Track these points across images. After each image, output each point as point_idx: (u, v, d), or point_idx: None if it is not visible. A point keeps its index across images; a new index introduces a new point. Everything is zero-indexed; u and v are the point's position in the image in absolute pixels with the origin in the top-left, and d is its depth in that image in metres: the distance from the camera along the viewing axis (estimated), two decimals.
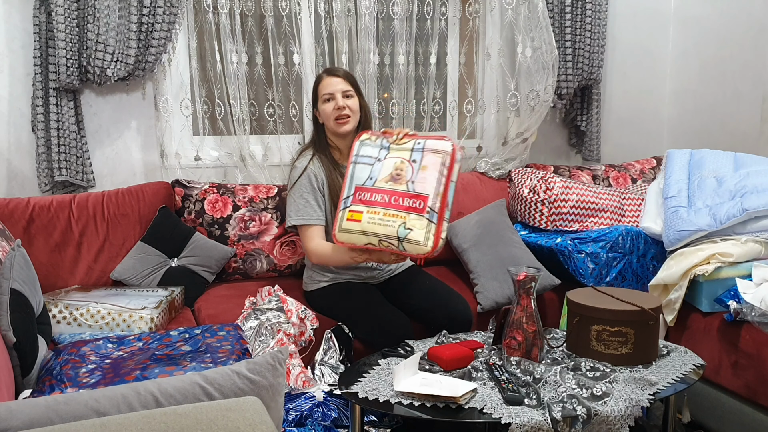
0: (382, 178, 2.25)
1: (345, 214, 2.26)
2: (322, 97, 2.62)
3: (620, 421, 1.78)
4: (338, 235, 2.28)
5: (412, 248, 2.16)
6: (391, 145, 2.31)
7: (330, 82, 2.60)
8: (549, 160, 3.69)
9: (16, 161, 2.86)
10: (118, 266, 2.71)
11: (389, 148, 2.30)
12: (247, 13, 3.04)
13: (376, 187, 2.24)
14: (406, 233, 2.15)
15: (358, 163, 2.32)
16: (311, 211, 2.55)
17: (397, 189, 2.20)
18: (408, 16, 3.22)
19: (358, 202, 2.25)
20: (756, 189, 2.68)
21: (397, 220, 2.17)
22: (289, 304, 2.50)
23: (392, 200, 2.20)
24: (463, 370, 2.00)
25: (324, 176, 2.59)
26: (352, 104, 2.59)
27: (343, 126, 2.59)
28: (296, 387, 2.27)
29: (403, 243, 2.17)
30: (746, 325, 2.33)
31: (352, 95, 2.61)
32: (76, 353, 2.05)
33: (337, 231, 2.28)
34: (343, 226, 2.26)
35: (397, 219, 2.17)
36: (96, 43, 2.69)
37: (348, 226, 2.25)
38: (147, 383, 1.16)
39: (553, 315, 2.79)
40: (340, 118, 2.58)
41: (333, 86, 2.58)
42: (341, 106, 2.56)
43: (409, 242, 2.16)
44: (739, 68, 3.44)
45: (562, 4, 3.36)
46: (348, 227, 2.24)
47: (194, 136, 3.12)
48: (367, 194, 2.24)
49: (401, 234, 2.16)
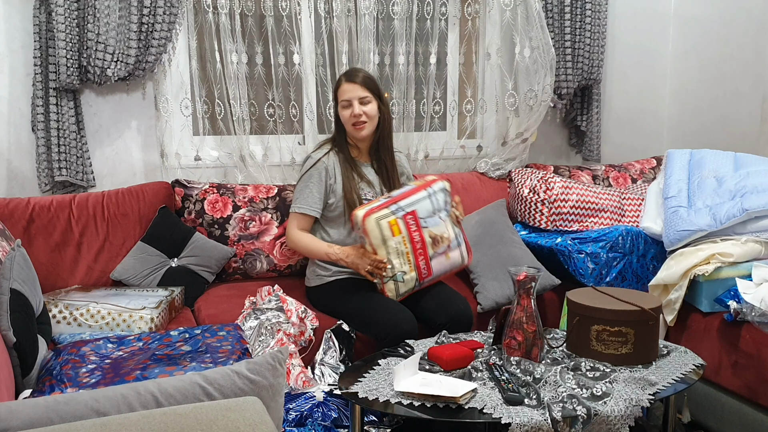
0: (430, 229, 2.51)
1: (390, 216, 2.45)
2: (340, 102, 2.64)
3: (620, 421, 1.78)
4: (370, 218, 2.43)
5: (387, 289, 2.48)
6: (450, 214, 2.61)
7: (347, 88, 2.61)
8: (549, 160, 3.69)
9: (16, 161, 2.86)
10: (118, 266, 2.72)
11: (448, 214, 2.59)
12: (247, 13, 3.04)
13: (422, 231, 2.50)
14: (399, 277, 2.47)
15: (429, 198, 2.55)
16: (310, 201, 2.61)
17: (427, 250, 2.50)
18: (408, 16, 3.22)
19: (406, 223, 2.47)
20: (756, 189, 2.68)
21: (407, 266, 2.47)
22: (289, 304, 2.50)
23: (419, 252, 2.48)
24: (463, 370, 2.00)
25: (339, 172, 2.63)
26: (369, 110, 2.61)
27: (360, 131, 2.62)
28: (296, 387, 2.27)
29: (390, 281, 2.47)
30: (746, 325, 2.33)
31: (370, 101, 2.61)
32: (76, 353, 2.05)
33: (372, 215, 2.43)
34: (380, 220, 2.44)
35: (408, 265, 2.47)
36: (96, 43, 2.69)
37: (383, 225, 2.44)
38: (147, 383, 1.16)
39: (553, 315, 2.78)
40: (357, 124, 2.61)
41: (350, 93, 2.60)
42: (357, 114, 2.58)
43: (390, 284, 2.47)
44: (739, 68, 3.44)
45: (561, 4, 3.36)
46: (383, 225, 2.43)
47: (194, 136, 3.12)
48: (415, 228, 2.49)
49: (397, 276, 2.46)
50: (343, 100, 2.62)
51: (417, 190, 2.56)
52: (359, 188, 2.64)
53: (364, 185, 2.66)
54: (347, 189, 2.61)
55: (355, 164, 2.68)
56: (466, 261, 2.65)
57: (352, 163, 2.67)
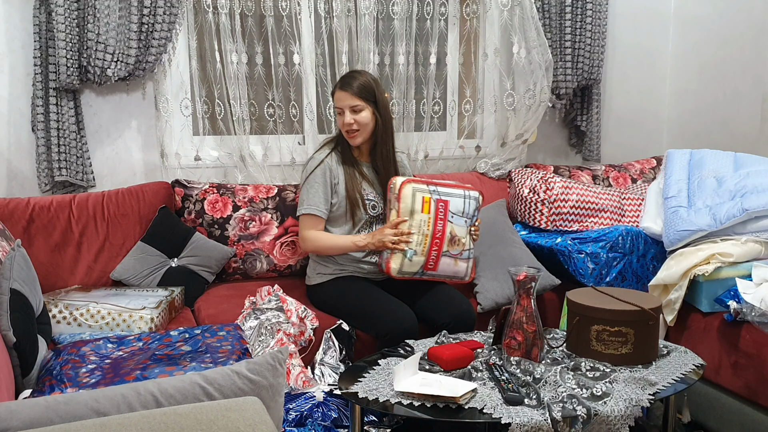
0: (454, 226, 2.57)
1: (427, 193, 2.53)
2: (335, 107, 2.66)
3: (620, 421, 1.78)
4: (409, 185, 2.52)
5: (393, 260, 2.50)
6: (473, 226, 2.65)
7: (340, 96, 2.61)
8: (549, 160, 3.69)
9: (16, 161, 2.86)
10: (118, 266, 2.71)
11: (471, 225, 2.64)
12: (247, 13, 3.04)
13: (446, 224, 2.55)
14: (410, 255, 2.49)
15: (464, 199, 2.61)
16: (317, 202, 2.60)
17: (443, 244, 2.55)
18: (408, 16, 3.22)
19: (437, 207, 2.54)
20: (756, 189, 2.68)
21: (420, 248, 2.51)
22: (289, 304, 2.50)
23: (436, 241, 2.54)
24: (463, 370, 2.00)
25: (341, 172, 2.64)
26: (361, 118, 2.60)
27: (353, 140, 2.63)
28: (296, 387, 2.27)
29: (400, 254, 2.49)
30: (746, 325, 2.33)
31: (362, 108, 2.60)
32: (76, 353, 2.05)
33: (411, 183, 2.53)
34: (417, 191, 2.52)
35: (421, 247, 2.51)
36: (96, 43, 2.69)
37: (417, 197, 2.51)
38: (147, 383, 1.16)
39: (553, 315, 2.78)
40: (349, 132, 2.62)
41: (342, 101, 2.60)
42: (348, 123, 2.59)
43: (398, 258, 2.49)
44: (739, 68, 3.44)
45: (561, 4, 3.36)
46: (417, 198, 2.51)
47: (194, 136, 3.12)
48: (442, 215, 2.54)
49: (408, 253, 2.49)
50: (336, 108, 2.64)
51: (456, 186, 2.64)
52: (362, 188, 2.64)
53: (366, 185, 2.67)
54: (350, 189, 2.62)
55: (357, 164, 2.68)
56: (467, 277, 2.67)
57: (354, 163, 2.68)
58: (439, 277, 2.60)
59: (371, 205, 2.66)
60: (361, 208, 2.63)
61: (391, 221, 2.52)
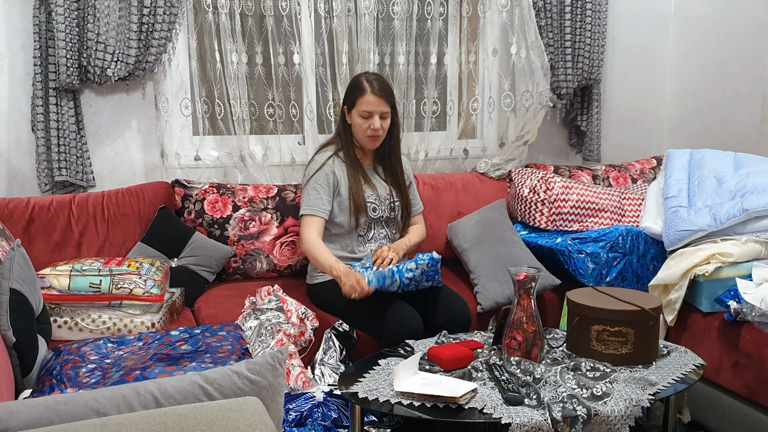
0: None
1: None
2: (359, 110, 2.61)
3: (620, 421, 1.78)
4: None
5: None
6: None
7: (372, 101, 2.58)
8: (549, 160, 3.69)
9: (16, 161, 2.86)
10: None
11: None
12: (247, 13, 3.04)
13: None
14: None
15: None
16: (320, 203, 2.61)
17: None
18: (408, 16, 3.22)
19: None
20: (756, 189, 2.68)
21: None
22: (289, 304, 2.50)
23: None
24: (463, 370, 2.00)
25: (344, 174, 2.64)
26: (387, 124, 2.63)
27: (374, 143, 2.65)
28: (296, 387, 2.27)
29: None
30: (746, 325, 2.33)
31: (389, 115, 2.62)
32: (76, 353, 2.05)
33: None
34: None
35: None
36: (96, 43, 2.69)
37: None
38: (147, 383, 1.16)
39: (553, 315, 2.78)
40: (373, 137, 2.62)
41: (374, 106, 2.58)
42: (376, 128, 2.59)
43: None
44: (739, 68, 3.44)
45: (561, 4, 3.36)
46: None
47: (194, 136, 3.12)
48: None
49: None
50: (364, 110, 2.59)
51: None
52: (363, 190, 2.65)
53: (368, 187, 2.67)
54: (354, 190, 2.63)
55: (360, 166, 2.69)
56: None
57: (357, 166, 2.68)
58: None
59: (372, 207, 2.66)
60: (363, 211, 2.63)
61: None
